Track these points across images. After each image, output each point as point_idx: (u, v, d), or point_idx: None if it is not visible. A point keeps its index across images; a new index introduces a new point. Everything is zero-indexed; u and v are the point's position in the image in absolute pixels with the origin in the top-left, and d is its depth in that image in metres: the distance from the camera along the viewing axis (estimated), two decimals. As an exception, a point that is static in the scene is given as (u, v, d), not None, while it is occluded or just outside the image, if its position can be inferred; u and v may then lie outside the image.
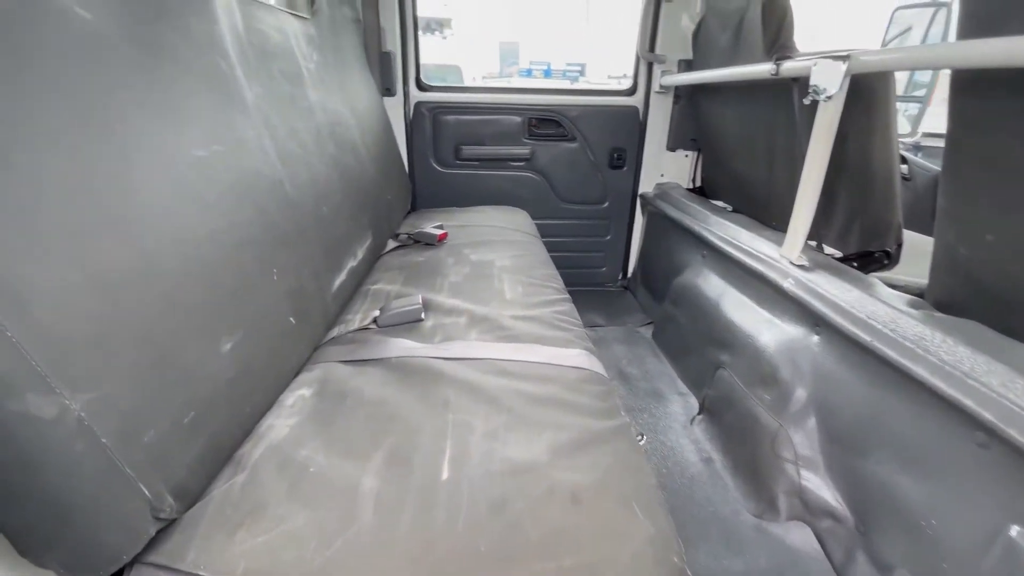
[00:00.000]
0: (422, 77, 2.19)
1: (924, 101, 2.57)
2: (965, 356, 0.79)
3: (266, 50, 1.03)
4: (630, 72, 2.27)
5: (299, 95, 1.15)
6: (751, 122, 1.67)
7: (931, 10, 2.51)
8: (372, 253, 1.47)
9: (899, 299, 1.03)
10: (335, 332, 1.06)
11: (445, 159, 2.28)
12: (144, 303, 0.56)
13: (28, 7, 0.50)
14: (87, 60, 0.57)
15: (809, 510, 1.10)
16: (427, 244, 1.66)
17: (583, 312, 1.32)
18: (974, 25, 0.86)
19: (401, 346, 0.97)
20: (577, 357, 0.92)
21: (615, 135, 2.27)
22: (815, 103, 1.15)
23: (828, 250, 1.44)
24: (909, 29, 2.73)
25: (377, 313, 1.10)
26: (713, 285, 1.60)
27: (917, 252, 1.40)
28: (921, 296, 1.10)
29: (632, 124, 2.26)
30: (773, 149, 1.56)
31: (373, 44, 2.00)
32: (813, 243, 1.45)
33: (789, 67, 1.26)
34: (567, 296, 1.26)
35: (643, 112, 2.25)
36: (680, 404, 1.59)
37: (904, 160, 2.24)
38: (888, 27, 2.60)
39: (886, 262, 1.35)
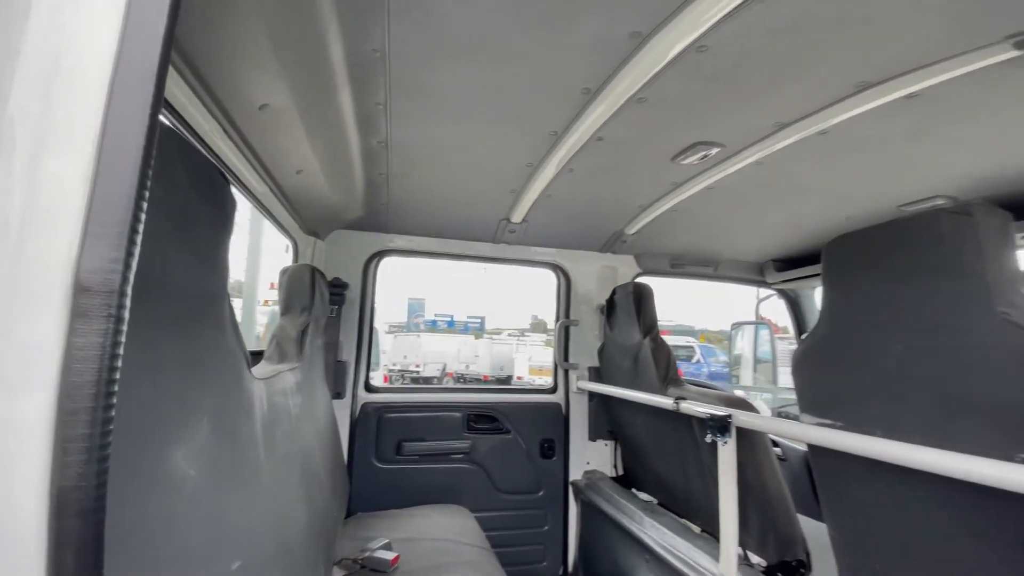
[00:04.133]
0: (371, 380, 2.41)
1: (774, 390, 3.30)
2: None
3: (275, 420, 1.16)
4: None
5: (290, 448, 1.24)
6: (659, 432, 2.02)
7: (753, 326, 3.46)
8: (321, 596, 1.36)
9: None
10: None
11: (386, 456, 2.33)
12: None
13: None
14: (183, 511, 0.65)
15: None
16: (377, 571, 1.58)
17: None
18: (807, 405, 1.28)
19: None
20: None
21: (544, 427, 2.54)
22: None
23: (754, 558, 1.63)
24: (741, 331, 3.68)
25: None
26: (665, 599, 1.66)
27: (817, 544, 1.64)
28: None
29: (557, 418, 2.58)
30: (683, 458, 1.88)
31: (331, 356, 2.23)
32: (740, 550, 1.64)
33: (687, 407, 1.65)
34: None
35: (565, 407, 2.60)
36: None
37: (776, 444, 2.74)
38: (730, 337, 3.50)
39: (803, 571, 1.55)
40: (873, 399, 1.10)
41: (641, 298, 2.13)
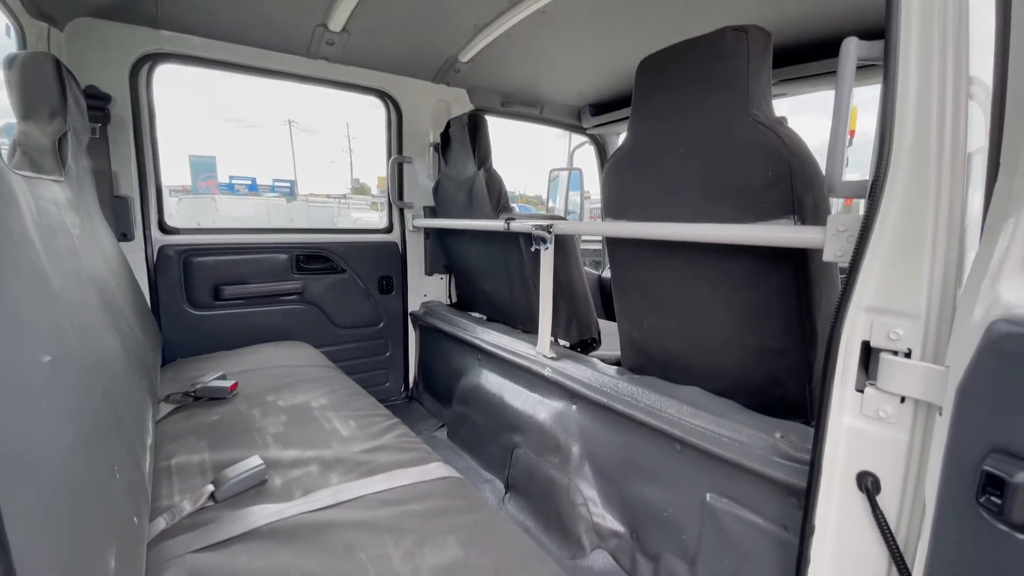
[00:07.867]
0: (166, 219, 2.04)
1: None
2: (656, 399, 1.34)
3: (52, 228, 0.94)
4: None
5: (79, 267, 1.04)
6: (489, 256, 2.23)
7: (567, 172, 3.83)
8: (154, 423, 1.29)
9: (611, 370, 1.60)
10: (163, 523, 0.94)
11: (201, 301, 2.11)
12: None
13: None
14: None
15: (602, 537, 1.50)
16: (214, 399, 1.53)
17: None
18: (609, 211, 1.54)
19: (263, 513, 0.95)
20: (437, 469, 1.10)
21: (381, 265, 2.57)
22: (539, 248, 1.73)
23: (561, 341, 2.03)
24: (557, 179, 4.07)
25: (211, 488, 1.02)
26: (493, 383, 1.99)
27: (607, 332, 2.13)
28: (619, 363, 1.71)
29: (394, 256, 2.61)
30: (510, 275, 2.13)
31: (105, 189, 1.80)
32: (552, 337, 2.02)
33: (516, 226, 1.83)
34: (396, 419, 1.42)
35: (401, 246, 2.63)
36: (489, 489, 1.85)
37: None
38: (548, 182, 3.83)
39: (596, 345, 2.01)
40: (657, 196, 1.37)
41: (476, 128, 2.14)
